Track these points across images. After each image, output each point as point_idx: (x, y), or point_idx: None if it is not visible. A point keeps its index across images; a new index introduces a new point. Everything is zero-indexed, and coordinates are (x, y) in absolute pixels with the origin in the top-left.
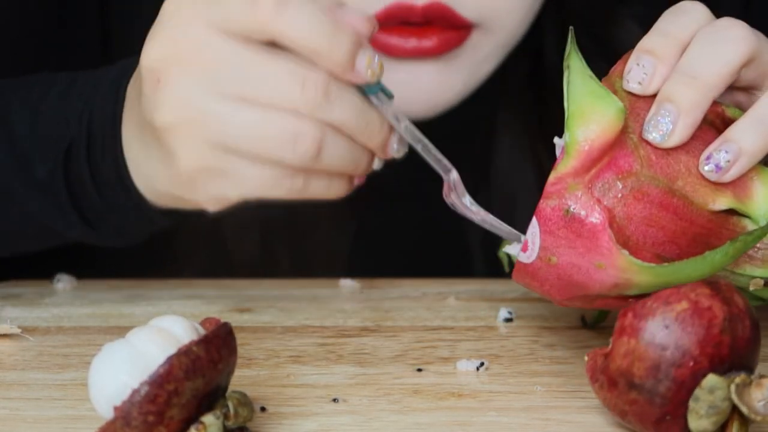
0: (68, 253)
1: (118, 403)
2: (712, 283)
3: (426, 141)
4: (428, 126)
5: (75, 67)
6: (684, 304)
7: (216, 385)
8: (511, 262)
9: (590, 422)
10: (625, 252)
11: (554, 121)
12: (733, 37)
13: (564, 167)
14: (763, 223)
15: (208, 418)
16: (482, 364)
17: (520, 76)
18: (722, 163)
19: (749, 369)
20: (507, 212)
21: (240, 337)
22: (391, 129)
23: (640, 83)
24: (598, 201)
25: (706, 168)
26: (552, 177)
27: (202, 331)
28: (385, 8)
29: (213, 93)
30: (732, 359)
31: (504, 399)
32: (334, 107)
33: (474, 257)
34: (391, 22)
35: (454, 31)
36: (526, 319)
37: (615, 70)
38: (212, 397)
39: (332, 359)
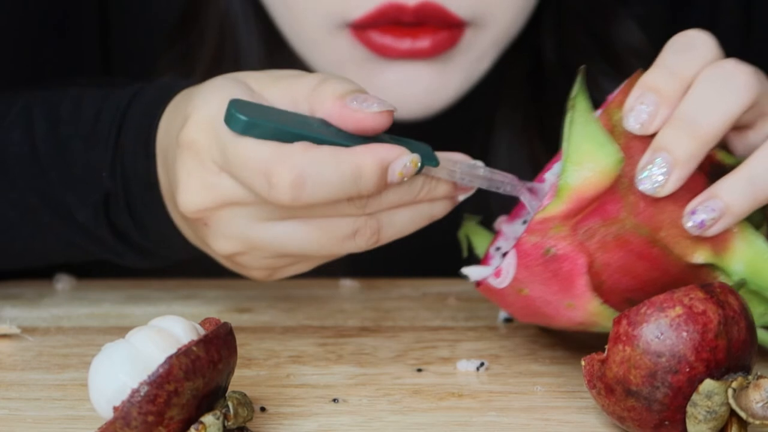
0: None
1: (118, 403)
2: (706, 285)
3: (486, 173)
4: (424, 123)
5: (74, 74)
6: (678, 310)
7: (216, 385)
8: (470, 246)
9: (590, 422)
10: (598, 299)
11: (553, 120)
12: (738, 86)
13: (553, 209)
14: (736, 279)
15: (208, 419)
16: (482, 364)
17: (518, 75)
18: (706, 221)
19: (746, 370)
20: (503, 210)
21: (240, 337)
22: (449, 182)
23: (641, 125)
24: (581, 245)
25: (689, 224)
26: (539, 216)
27: (202, 332)
28: (376, 8)
29: (262, 221)
30: (728, 362)
31: (504, 399)
32: (381, 200)
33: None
34: (382, 21)
35: (447, 30)
36: None
37: (614, 99)
38: (212, 398)
39: (332, 359)
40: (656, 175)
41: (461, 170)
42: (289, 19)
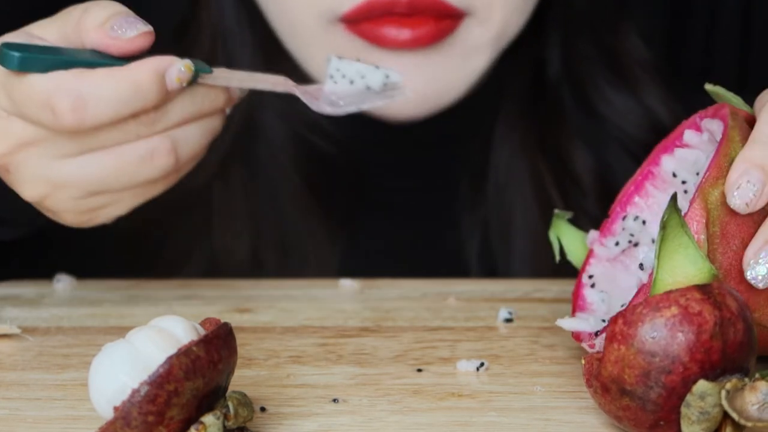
0: (68, 253)
1: (118, 403)
2: (703, 286)
3: (260, 76)
4: (426, 136)
5: None
6: (673, 310)
7: (216, 385)
8: (562, 249)
9: (590, 422)
10: None
11: (555, 136)
12: None
13: None
14: None
15: (208, 419)
16: (482, 364)
17: (520, 88)
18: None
19: (743, 372)
20: (504, 225)
21: (240, 337)
22: (227, 89)
23: (747, 204)
24: None
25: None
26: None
27: (202, 332)
28: (363, 2)
29: (58, 158)
30: (724, 364)
31: (504, 399)
32: (168, 114)
33: (470, 264)
34: (374, 13)
35: (444, 20)
36: (526, 319)
37: (707, 178)
38: (212, 398)
39: (332, 359)
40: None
41: (238, 76)
42: (284, 20)
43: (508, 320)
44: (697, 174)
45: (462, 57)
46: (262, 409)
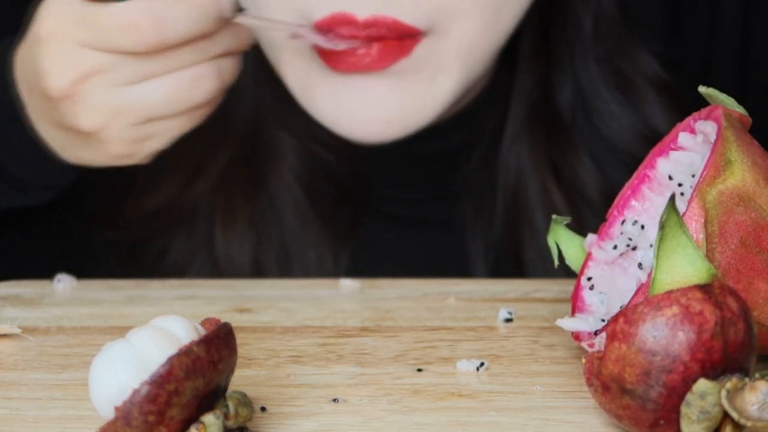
0: (68, 253)
1: (119, 403)
2: (704, 286)
3: (275, 23)
4: (423, 145)
5: None
6: (674, 309)
7: (216, 385)
8: (561, 254)
9: (590, 422)
10: None
11: (566, 159)
12: None
13: None
14: None
15: (208, 418)
16: (482, 364)
17: (525, 107)
18: None
19: (744, 372)
20: (512, 231)
21: (240, 337)
22: (250, 32)
23: None
24: None
25: None
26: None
27: (203, 331)
28: (330, 15)
29: (121, 85)
30: (724, 363)
31: (504, 399)
32: (214, 43)
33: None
34: (335, 30)
35: (396, 40)
36: (526, 319)
37: (703, 178)
38: (212, 397)
39: (332, 359)
40: None
41: (261, 21)
42: (263, 37)
43: (508, 320)
44: (693, 176)
45: (428, 79)
46: (263, 409)
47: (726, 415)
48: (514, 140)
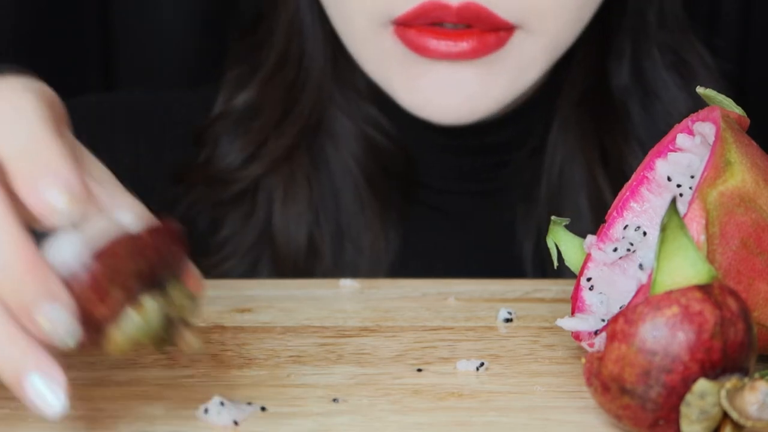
0: None
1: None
2: (704, 286)
3: None
4: (477, 138)
5: (73, 55)
6: (674, 309)
7: (161, 274)
8: (560, 254)
9: (590, 422)
10: None
11: (615, 144)
12: None
13: None
14: None
15: (148, 301)
16: (482, 364)
17: (577, 95)
18: None
19: (743, 372)
20: (555, 214)
21: (240, 337)
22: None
23: None
24: None
25: None
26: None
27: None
28: (420, 5)
29: None
30: (724, 363)
31: (504, 399)
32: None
33: (525, 271)
34: (422, 20)
35: (492, 33)
36: (526, 319)
37: (704, 178)
38: (156, 286)
39: (332, 359)
40: None
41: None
42: (340, 18)
43: (508, 320)
44: (692, 177)
45: (517, 71)
46: (263, 409)
47: (725, 415)
48: (563, 127)
